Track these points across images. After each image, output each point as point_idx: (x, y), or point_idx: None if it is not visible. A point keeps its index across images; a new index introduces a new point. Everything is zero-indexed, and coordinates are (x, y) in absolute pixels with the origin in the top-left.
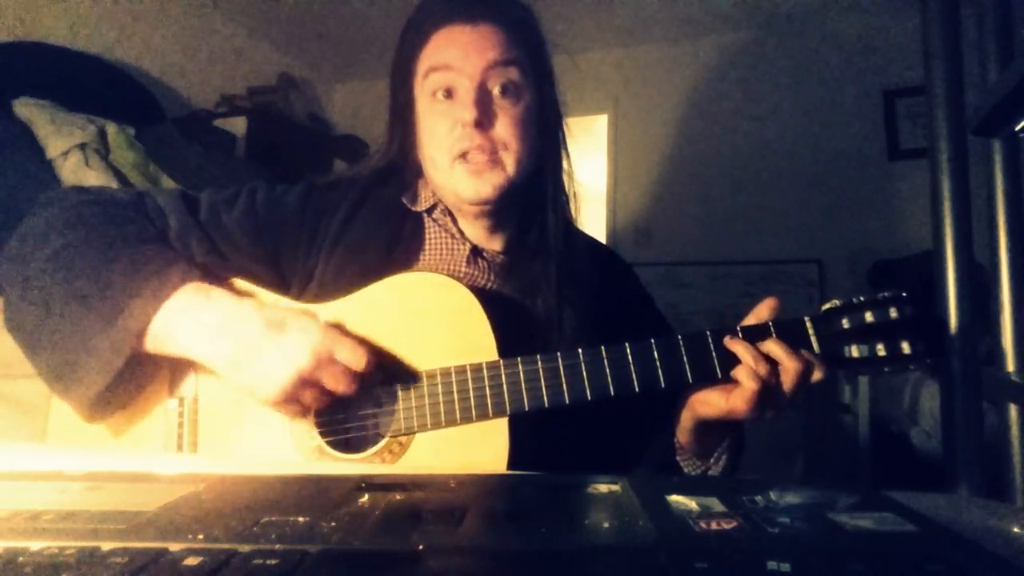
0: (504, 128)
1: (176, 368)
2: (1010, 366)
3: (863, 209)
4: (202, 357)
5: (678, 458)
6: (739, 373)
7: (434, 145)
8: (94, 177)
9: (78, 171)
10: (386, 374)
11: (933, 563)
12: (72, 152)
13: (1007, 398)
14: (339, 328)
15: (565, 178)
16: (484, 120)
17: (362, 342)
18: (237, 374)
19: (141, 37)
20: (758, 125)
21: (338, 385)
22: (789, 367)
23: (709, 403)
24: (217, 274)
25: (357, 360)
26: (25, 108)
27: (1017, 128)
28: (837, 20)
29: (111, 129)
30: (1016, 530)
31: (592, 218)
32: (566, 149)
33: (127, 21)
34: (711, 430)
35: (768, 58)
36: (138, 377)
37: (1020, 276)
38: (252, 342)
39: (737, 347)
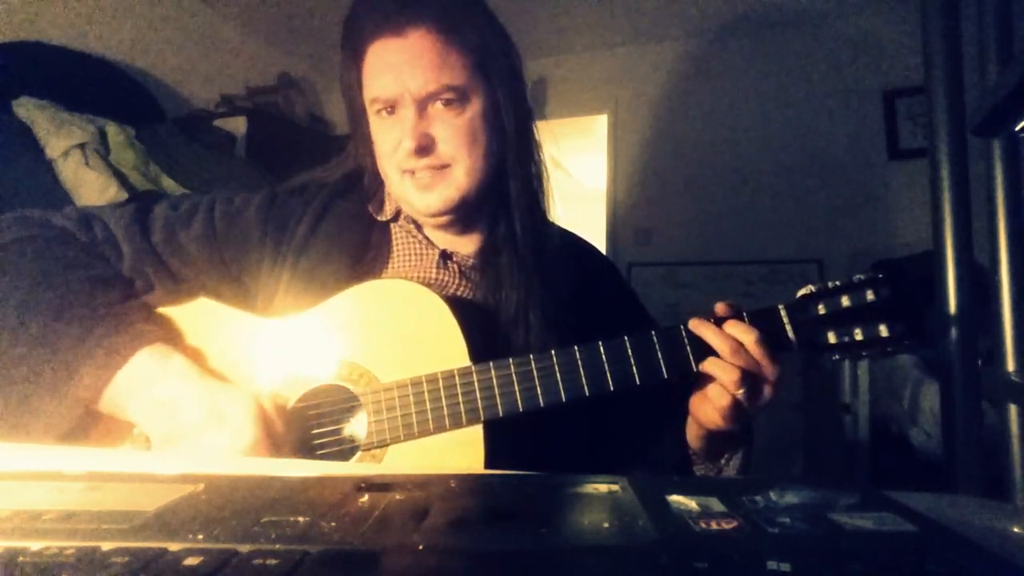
0: (449, 143)
1: None
2: (1010, 366)
3: (863, 209)
4: (143, 428)
5: (693, 467)
6: (711, 367)
7: (383, 158)
8: (94, 177)
9: (78, 171)
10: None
11: (933, 563)
12: (72, 152)
13: (1007, 398)
14: (280, 436)
15: (537, 173)
16: (425, 145)
17: (296, 451)
18: (166, 451)
19: (141, 37)
20: (758, 125)
21: None
22: (754, 350)
23: (700, 418)
24: (175, 297)
25: None
26: (25, 108)
27: (1017, 128)
28: (837, 20)
29: (111, 129)
30: (1016, 530)
31: (592, 218)
32: (536, 143)
33: (127, 21)
34: (716, 436)
35: (768, 58)
36: (92, 420)
37: (1020, 276)
38: (186, 430)
39: (705, 332)
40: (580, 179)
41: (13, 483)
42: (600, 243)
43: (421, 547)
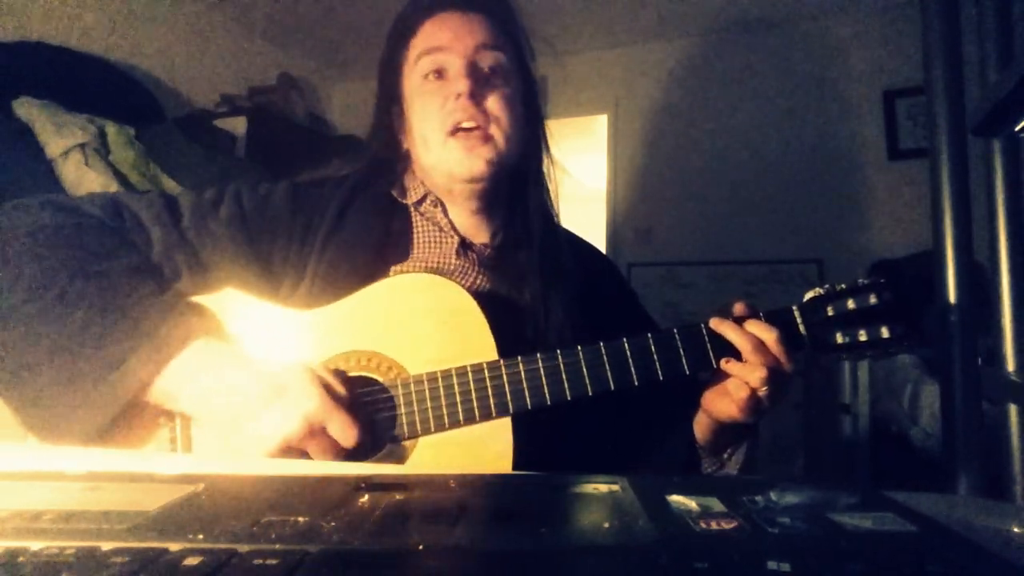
0: (494, 103)
1: None
2: (1010, 366)
3: (863, 209)
4: (200, 418)
5: (700, 460)
6: (734, 363)
7: (427, 123)
8: (94, 177)
9: (78, 171)
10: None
11: (933, 563)
12: (72, 152)
13: (1007, 398)
14: (342, 398)
15: (546, 172)
16: (477, 91)
17: (357, 415)
18: (231, 436)
19: (141, 37)
20: (758, 125)
21: (323, 456)
22: (771, 342)
23: (715, 412)
24: (202, 285)
25: (347, 438)
26: (25, 108)
27: (1017, 128)
28: (837, 20)
29: (111, 129)
30: (1016, 530)
31: (592, 218)
32: (547, 146)
33: (127, 21)
34: (726, 429)
35: (768, 58)
36: (128, 417)
37: (1020, 276)
38: (248, 407)
39: (727, 330)
40: (580, 179)
41: (13, 483)
42: (600, 243)
43: (421, 547)
